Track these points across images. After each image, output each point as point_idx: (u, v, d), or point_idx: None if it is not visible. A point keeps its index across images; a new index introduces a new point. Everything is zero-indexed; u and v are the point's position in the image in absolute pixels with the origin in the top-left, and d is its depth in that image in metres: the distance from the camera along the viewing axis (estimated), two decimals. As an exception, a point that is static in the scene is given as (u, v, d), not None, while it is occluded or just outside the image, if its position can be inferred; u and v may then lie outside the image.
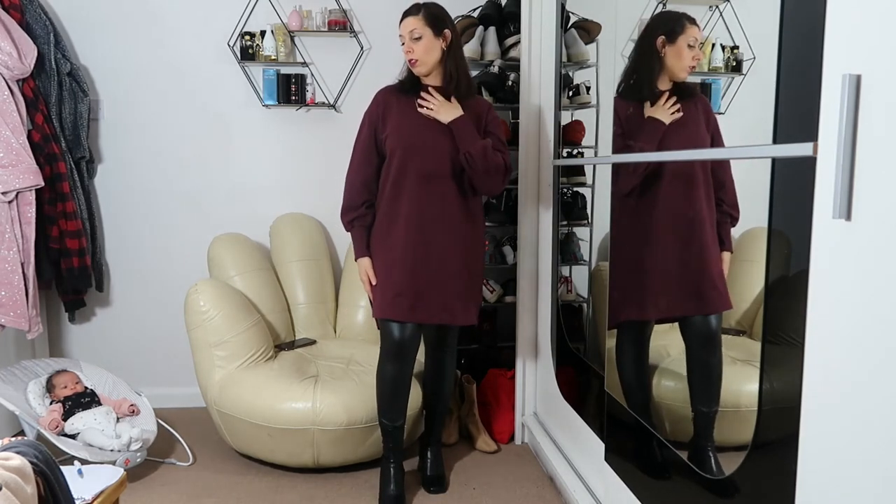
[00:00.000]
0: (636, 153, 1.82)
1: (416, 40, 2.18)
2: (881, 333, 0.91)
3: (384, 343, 2.29)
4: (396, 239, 2.23)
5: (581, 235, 2.68)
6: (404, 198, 2.22)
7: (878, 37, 0.90)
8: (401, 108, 2.27)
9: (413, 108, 2.25)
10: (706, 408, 1.56)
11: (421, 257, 2.22)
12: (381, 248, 2.27)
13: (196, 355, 2.67)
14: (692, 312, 1.66)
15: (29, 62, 2.72)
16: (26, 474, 1.13)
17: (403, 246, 2.22)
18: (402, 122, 2.25)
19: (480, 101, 2.36)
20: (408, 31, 2.19)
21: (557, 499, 2.41)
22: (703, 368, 1.62)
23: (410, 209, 2.22)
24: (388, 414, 2.32)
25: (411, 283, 2.22)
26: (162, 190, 3.25)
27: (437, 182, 2.23)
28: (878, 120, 0.91)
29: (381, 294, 2.26)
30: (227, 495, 2.42)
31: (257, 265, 3.04)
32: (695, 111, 1.64)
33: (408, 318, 2.23)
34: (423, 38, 2.18)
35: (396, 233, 2.23)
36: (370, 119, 2.30)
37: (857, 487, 0.97)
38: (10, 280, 2.61)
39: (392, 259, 2.23)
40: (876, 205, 0.92)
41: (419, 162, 2.22)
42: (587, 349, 2.43)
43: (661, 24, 1.70)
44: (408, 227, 2.22)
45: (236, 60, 3.16)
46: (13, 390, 2.52)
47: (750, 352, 1.40)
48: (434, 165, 2.22)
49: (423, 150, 2.22)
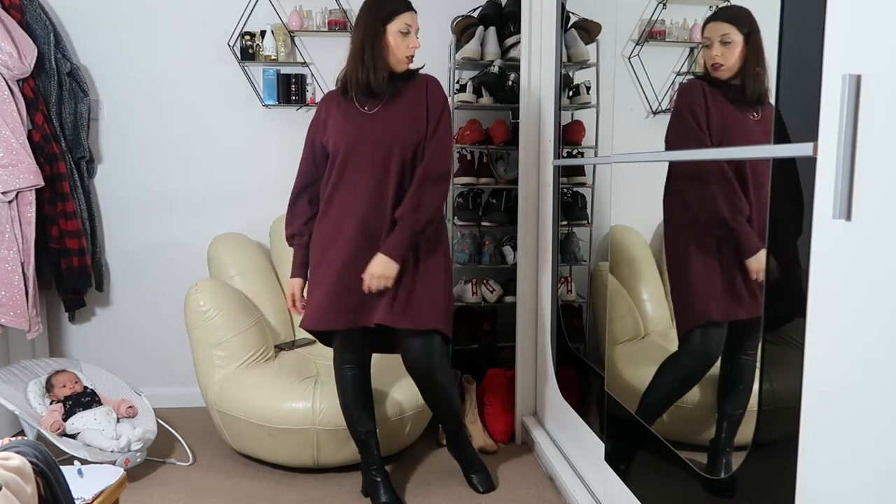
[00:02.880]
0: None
1: (416, 34, 2.15)
2: (881, 333, 0.91)
3: (334, 352, 2.29)
4: (340, 243, 2.13)
5: (581, 235, 2.68)
6: (349, 199, 2.13)
7: (878, 37, 0.90)
8: (339, 109, 2.17)
9: (353, 109, 2.15)
10: (731, 410, 1.55)
11: (359, 265, 2.11)
12: (320, 256, 2.18)
13: (196, 355, 2.67)
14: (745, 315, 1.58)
15: (29, 62, 2.72)
16: (26, 474, 1.13)
17: (342, 253, 2.12)
18: (340, 124, 2.15)
19: (421, 77, 2.22)
20: (416, 23, 2.14)
21: (557, 499, 2.41)
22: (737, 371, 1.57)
23: (355, 210, 2.12)
24: (356, 420, 2.30)
25: (345, 290, 2.13)
26: (162, 190, 3.25)
27: (381, 183, 2.12)
28: (878, 120, 0.91)
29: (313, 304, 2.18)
30: (227, 495, 2.42)
31: (257, 265, 3.04)
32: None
33: (339, 325, 2.16)
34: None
35: (340, 236, 2.13)
36: (311, 130, 2.24)
37: (857, 487, 0.97)
38: (10, 280, 2.61)
39: (327, 269, 2.15)
40: (876, 205, 0.92)
41: (363, 163, 2.12)
42: (587, 349, 2.43)
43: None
44: (349, 228, 2.12)
45: (236, 60, 3.16)
46: (13, 390, 2.51)
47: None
48: (378, 166, 2.11)
49: (365, 150, 2.12)
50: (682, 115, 1.73)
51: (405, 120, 2.15)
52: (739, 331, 1.60)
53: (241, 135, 3.26)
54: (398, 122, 2.14)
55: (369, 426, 2.32)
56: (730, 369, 1.62)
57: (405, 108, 2.16)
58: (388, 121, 2.14)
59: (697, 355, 1.75)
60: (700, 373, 1.73)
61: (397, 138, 2.12)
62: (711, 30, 1.54)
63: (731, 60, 1.50)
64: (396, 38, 2.11)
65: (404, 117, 2.15)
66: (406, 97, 2.17)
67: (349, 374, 2.29)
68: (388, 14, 2.11)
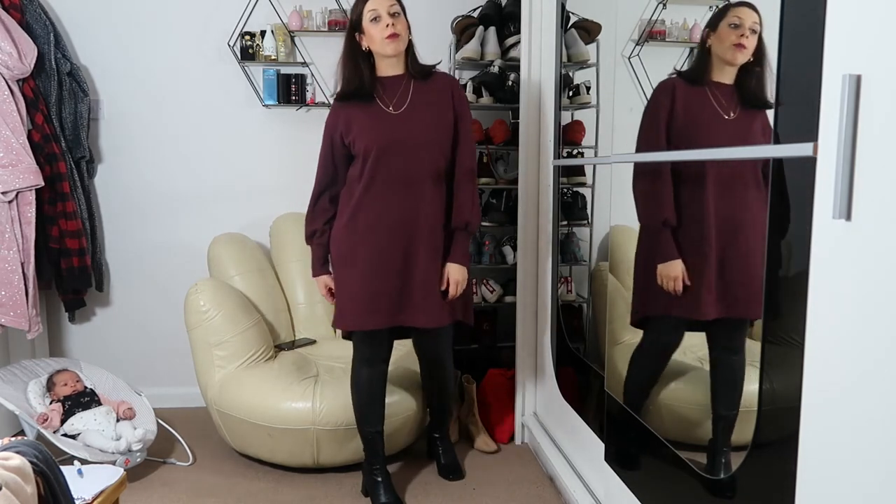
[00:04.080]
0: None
1: (394, 16, 2.07)
2: (881, 333, 0.91)
3: (356, 350, 2.29)
4: (369, 245, 2.14)
5: (581, 235, 2.68)
6: (381, 199, 2.14)
7: (878, 37, 0.90)
8: (362, 111, 2.15)
9: (379, 109, 2.14)
10: (725, 410, 1.55)
11: (395, 265, 2.14)
12: (351, 256, 2.18)
13: (196, 355, 2.67)
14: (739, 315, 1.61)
15: (29, 62, 2.72)
16: (26, 474, 1.13)
17: (377, 252, 2.14)
18: (366, 124, 2.13)
19: (441, 77, 2.24)
20: (387, 6, 2.06)
21: (557, 499, 2.41)
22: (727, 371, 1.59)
23: (388, 210, 2.13)
24: (368, 419, 2.30)
25: (382, 289, 2.15)
26: (162, 190, 3.25)
27: (414, 183, 2.14)
28: (878, 120, 0.91)
29: (350, 304, 2.18)
30: (227, 495, 2.42)
31: (257, 265, 3.04)
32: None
33: (378, 324, 2.17)
34: (400, 16, 2.09)
35: (373, 236, 2.14)
36: (329, 131, 2.22)
37: (857, 487, 0.97)
38: (10, 280, 2.61)
39: (363, 269, 2.15)
40: (876, 205, 0.92)
41: (392, 163, 2.12)
42: (587, 349, 2.43)
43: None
44: (384, 229, 2.14)
45: (236, 60, 3.16)
46: (13, 390, 2.52)
47: (750, 352, 1.40)
48: (410, 164, 2.13)
49: (395, 149, 2.12)
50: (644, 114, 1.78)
51: (433, 122, 2.16)
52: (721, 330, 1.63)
53: (240, 135, 3.26)
54: (427, 124, 2.16)
55: (378, 426, 2.33)
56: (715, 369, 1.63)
57: (432, 110, 2.17)
58: (417, 122, 2.14)
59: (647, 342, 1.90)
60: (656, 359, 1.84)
61: (427, 140, 2.15)
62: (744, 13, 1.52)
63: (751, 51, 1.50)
64: (369, 27, 2.08)
65: (432, 119, 2.16)
66: (431, 98, 2.17)
67: (369, 372, 2.28)
68: (357, 14, 2.11)
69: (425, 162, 2.14)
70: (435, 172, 2.16)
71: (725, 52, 1.54)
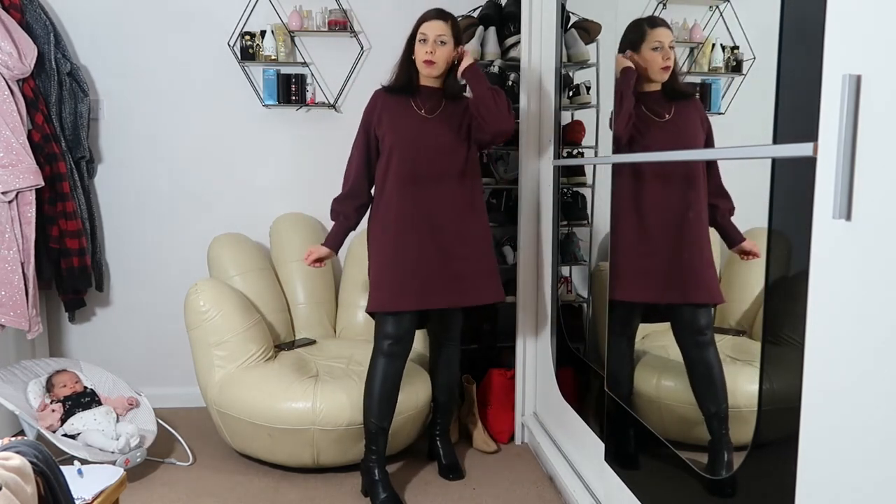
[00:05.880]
0: (635, 153, 1.82)
1: (440, 44, 2.25)
2: (881, 333, 0.91)
3: (379, 340, 2.32)
4: (400, 237, 2.28)
5: (581, 235, 2.68)
6: (407, 196, 2.28)
7: (878, 37, 0.90)
8: (398, 108, 2.33)
9: (410, 107, 2.32)
10: (713, 407, 1.56)
11: (426, 254, 2.28)
12: (384, 246, 2.31)
13: (196, 355, 2.67)
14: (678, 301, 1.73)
15: (29, 62, 2.72)
16: (26, 474, 1.13)
17: (409, 244, 2.27)
18: (399, 122, 2.31)
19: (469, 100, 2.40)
20: (436, 34, 2.25)
21: (557, 499, 2.41)
22: (700, 367, 1.63)
23: (414, 207, 2.28)
24: (376, 414, 2.31)
25: (415, 276, 2.27)
26: (162, 190, 3.25)
27: (439, 179, 2.30)
28: (878, 120, 0.91)
29: (386, 288, 2.28)
30: (227, 495, 2.42)
31: (257, 265, 3.04)
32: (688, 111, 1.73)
33: (412, 306, 2.27)
34: (446, 45, 2.26)
35: (400, 230, 2.28)
36: (366, 118, 2.38)
37: (856, 487, 0.97)
38: (10, 280, 2.61)
39: (396, 259, 2.28)
40: (876, 205, 0.92)
41: (420, 160, 2.28)
42: (587, 349, 2.43)
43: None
44: (409, 225, 2.28)
45: (236, 60, 3.16)
46: (13, 390, 2.52)
47: (750, 352, 1.40)
48: (435, 163, 2.29)
49: (423, 148, 2.29)
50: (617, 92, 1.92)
51: (456, 130, 2.34)
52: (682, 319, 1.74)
53: (241, 135, 3.26)
54: (451, 131, 2.33)
55: (384, 423, 2.33)
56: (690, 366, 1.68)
57: (456, 121, 2.35)
58: (444, 128, 2.32)
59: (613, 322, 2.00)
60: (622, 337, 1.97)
61: (450, 144, 2.32)
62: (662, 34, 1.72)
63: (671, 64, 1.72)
64: (417, 45, 2.29)
65: (455, 127, 2.34)
66: (458, 111, 2.35)
67: (389, 362, 2.31)
68: (415, 28, 2.31)
69: (446, 163, 2.31)
70: (458, 172, 2.33)
71: (655, 74, 1.75)
